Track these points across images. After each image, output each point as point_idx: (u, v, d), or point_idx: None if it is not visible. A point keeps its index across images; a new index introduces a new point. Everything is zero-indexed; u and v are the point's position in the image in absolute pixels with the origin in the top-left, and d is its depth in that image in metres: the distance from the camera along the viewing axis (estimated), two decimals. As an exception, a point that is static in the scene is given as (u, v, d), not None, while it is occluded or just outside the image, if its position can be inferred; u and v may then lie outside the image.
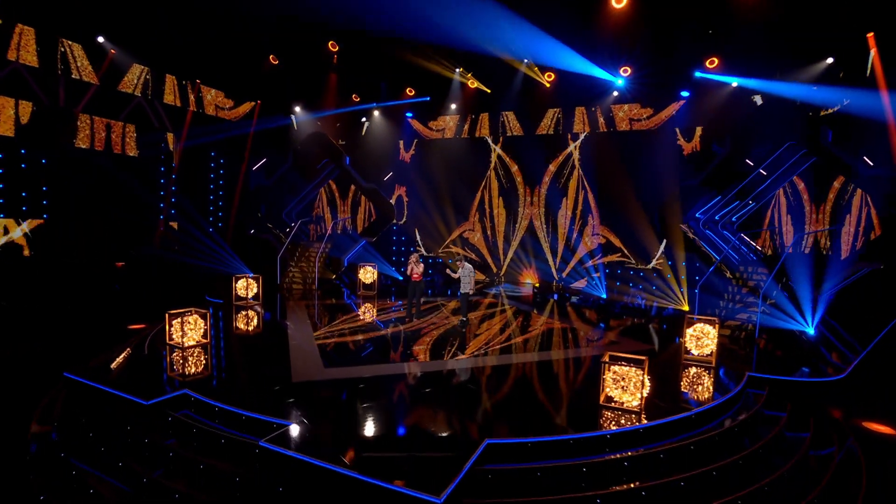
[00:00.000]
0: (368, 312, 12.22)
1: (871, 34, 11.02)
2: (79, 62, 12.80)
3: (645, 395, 6.18)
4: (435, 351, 8.71)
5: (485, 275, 17.43)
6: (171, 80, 15.22)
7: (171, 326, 8.19)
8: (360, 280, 14.55)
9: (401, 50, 13.21)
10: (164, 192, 15.67)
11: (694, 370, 8.05)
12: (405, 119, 18.01)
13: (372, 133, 18.46)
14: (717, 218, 14.66)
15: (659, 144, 14.60)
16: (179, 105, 15.44)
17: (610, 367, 6.38)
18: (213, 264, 15.72)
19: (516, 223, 17.25)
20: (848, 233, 13.81)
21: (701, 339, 8.37)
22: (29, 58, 12.05)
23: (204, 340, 8.42)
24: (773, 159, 13.30)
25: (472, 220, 17.85)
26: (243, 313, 11.51)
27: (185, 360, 7.66)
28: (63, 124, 12.78)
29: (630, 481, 5.01)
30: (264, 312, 11.84)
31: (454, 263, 10.76)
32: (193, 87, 15.74)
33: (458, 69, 14.81)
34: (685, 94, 14.49)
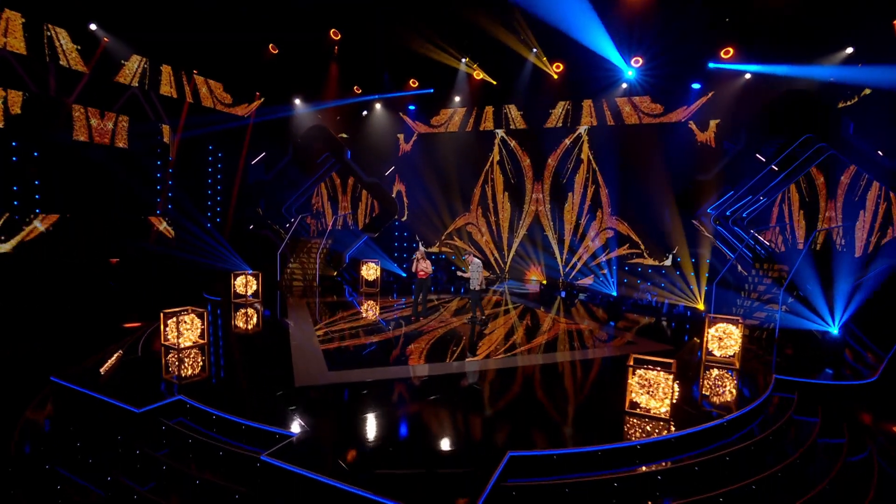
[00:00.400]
0: (372, 310, 11.80)
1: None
2: (65, 47, 12.20)
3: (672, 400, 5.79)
4: (444, 352, 8.30)
5: (489, 271, 17.02)
6: (166, 70, 14.70)
7: (165, 326, 7.76)
8: (363, 277, 14.13)
9: (406, 36, 12.68)
10: (161, 186, 15.18)
11: (716, 372, 7.66)
12: (408, 112, 17.52)
13: (373, 126, 17.99)
14: (727, 213, 14.27)
15: (672, 137, 14.17)
16: (176, 96, 14.92)
17: (635, 370, 5.98)
18: (212, 261, 15.27)
19: (521, 218, 16.82)
20: (862, 229, 13.45)
21: (723, 339, 7.98)
22: (17, 44, 11.52)
23: (201, 341, 7.99)
24: (787, 153, 12.88)
25: (475, 214, 17.39)
26: (242, 311, 11.08)
27: (180, 362, 7.23)
28: (54, 115, 12.27)
29: (665, 497, 4.62)
30: (264, 310, 11.41)
31: (465, 260, 10.32)
32: (189, 77, 15.22)
33: (464, 59, 14.32)
34: (696, 85, 14.07)
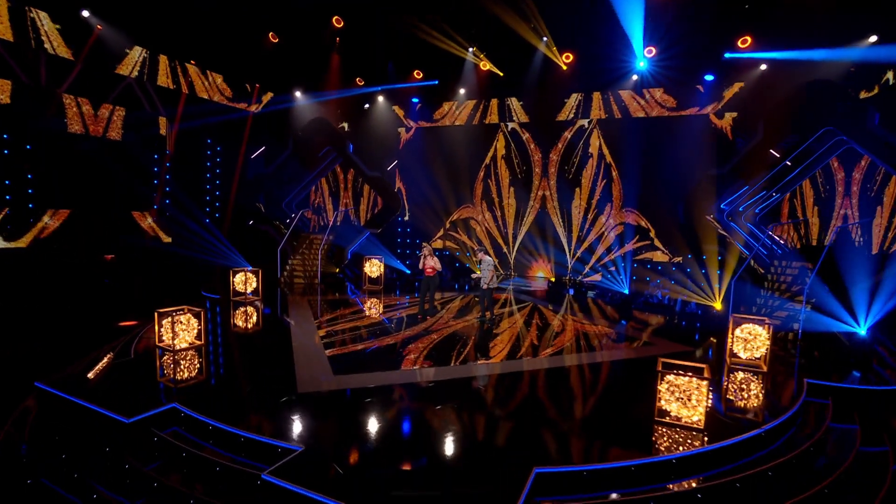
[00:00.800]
0: (376, 309, 11.37)
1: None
2: (47, 28, 11.55)
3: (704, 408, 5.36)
4: (454, 355, 7.87)
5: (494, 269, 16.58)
6: (163, 60, 14.19)
7: (160, 327, 7.31)
8: (366, 274, 13.70)
9: (411, 22, 12.18)
10: (158, 181, 14.71)
11: (744, 376, 7.24)
12: (411, 105, 17.04)
13: (375, 119, 17.51)
14: (740, 209, 13.85)
15: (686, 130, 13.72)
16: (173, 87, 14.42)
17: (665, 376, 5.55)
18: (210, 257, 14.82)
19: (527, 213, 16.37)
20: (879, 225, 13.04)
21: (749, 341, 7.55)
22: (2, 29, 11.00)
23: (198, 342, 7.55)
24: (806, 146, 12.44)
25: (479, 208, 16.92)
26: (242, 310, 10.65)
27: (175, 365, 6.79)
28: (45, 105, 11.78)
29: (707, 518, 4.20)
30: (264, 309, 10.99)
31: (477, 258, 9.86)
32: (187, 68, 14.71)
33: (471, 48, 13.83)
34: (710, 77, 13.63)
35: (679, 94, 13.94)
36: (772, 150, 12.95)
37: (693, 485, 4.48)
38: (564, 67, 14.20)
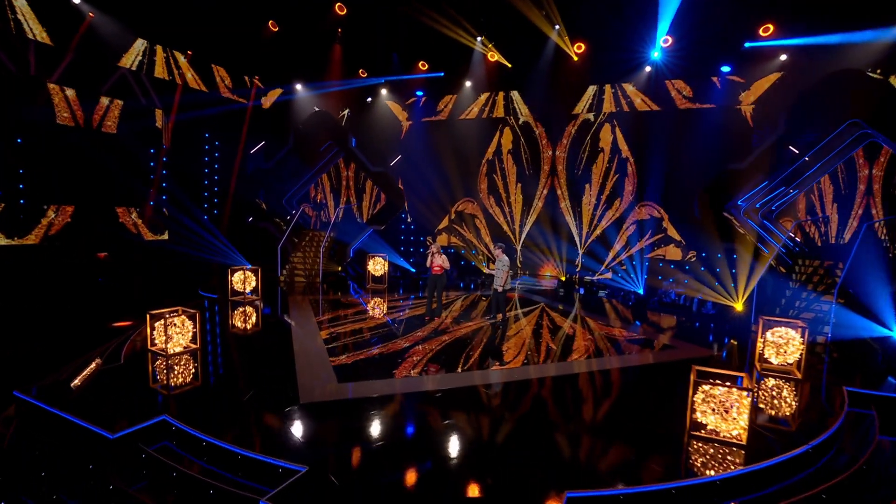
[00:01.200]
0: (380, 309, 10.90)
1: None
2: (22, 9, 10.90)
3: (744, 421, 4.89)
4: (466, 360, 7.40)
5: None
6: (159, 51, 13.67)
7: (152, 330, 6.86)
8: (370, 272, 13.22)
9: (417, 8, 11.66)
10: (154, 176, 14.21)
11: (776, 383, 6.77)
12: (416, 98, 16.53)
13: (378, 113, 17.01)
14: (757, 206, 13.36)
15: (705, 123, 13.21)
16: (169, 79, 13.91)
17: (700, 385, 5.08)
18: (207, 254, 14.34)
19: (535, 210, 15.88)
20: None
21: (782, 345, 7.08)
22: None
23: (192, 346, 7.10)
24: (828, 140, 11.92)
25: (489, 202, 16.41)
26: (240, 310, 10.18)
27: (168, 372, 6.33)
28: (32, 95, 11.27)
29: (761, 550, 3.74)
30: (264, 309, 10.52)
31: (495, 252, 9.35)
32: (184, 58, 14.19)
33: (479, 37, 13.30)
34: (726, 68, 13.12)
35: (696, 85, 13.43)
36: (791, 147, 12.46)
37: (743, 511, 4.02)
38: (575, 58, 13.69)
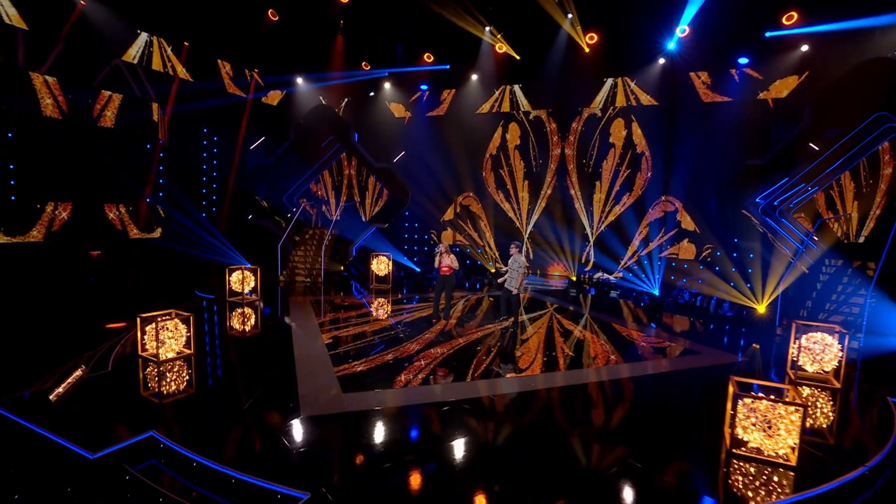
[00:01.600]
0: (385, 310, 10.44)
1: None
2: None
3: (794, 439, 4.42)
4: (479, 367, 6.94)
5: (503, 264, 15.57)
6: (156, 41, 13.17)
7: (143, 334, 6.40)
8: (373, 272, 12.76)
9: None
10: (150, 171, 13.71)
11: (808, 391, 6.30)
12: (420, 92, 16.03)
13: (382, 108, 16.52)
14: (775, 203, 12.88)
15: (724, 117, 12.71)
16: (164, 71, 13.42)
17: (743, 399, 4.61)
18: (205, 253, 13.87)
19: (542, 207, 15.38)
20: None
21: (818, 353, 6.60)
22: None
23: (186, 351, 6.64)
24: (853, 134, 11.42)
25: (499, 197, 15.91)
26: (238, 312, 9.72)
27: (159, 380, 5.87)
28: (20, 87, 10.78)
29: None
30: (263, 310, 10.07)
31: (511, 251, 8.81)
32: (180, 50, 13.70)
33: (488, 27, 12.80)
34: (744, 60, 12.62)
35: (714, 77, 12.93)
36: (811, 144, 11.97)
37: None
38: (587, 50, 13.18)
